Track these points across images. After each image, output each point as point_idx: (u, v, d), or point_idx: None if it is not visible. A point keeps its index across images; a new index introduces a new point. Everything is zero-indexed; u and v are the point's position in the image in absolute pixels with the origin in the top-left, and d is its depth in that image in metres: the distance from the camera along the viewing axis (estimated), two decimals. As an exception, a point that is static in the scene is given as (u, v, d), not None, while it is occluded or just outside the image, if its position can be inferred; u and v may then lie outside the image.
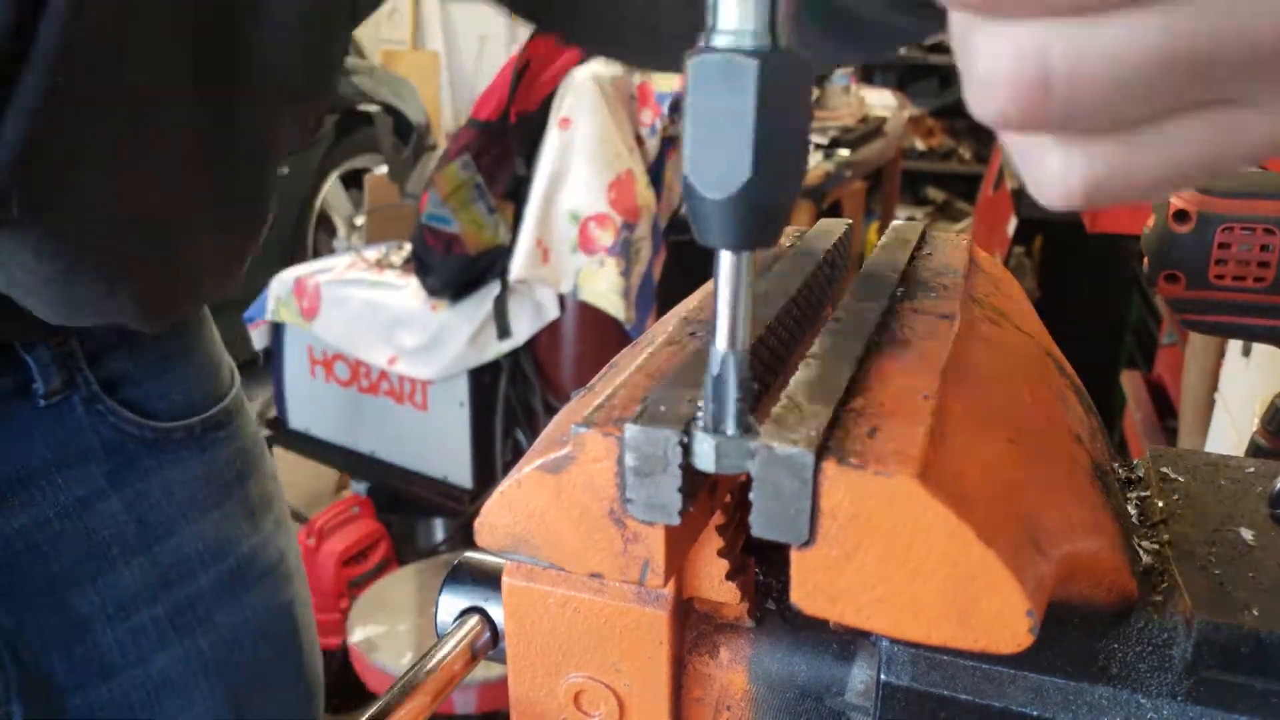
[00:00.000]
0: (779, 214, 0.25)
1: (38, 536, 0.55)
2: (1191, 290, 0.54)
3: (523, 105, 2.00)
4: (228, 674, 0.64)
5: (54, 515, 0.56)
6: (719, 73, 0.23)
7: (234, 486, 0.65)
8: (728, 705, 0.35)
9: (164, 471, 0.60)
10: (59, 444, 0.55)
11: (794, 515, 0.26)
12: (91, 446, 0.57)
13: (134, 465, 0.59)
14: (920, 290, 0.39)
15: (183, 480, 0.61)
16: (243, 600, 0.65)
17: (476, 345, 2.06)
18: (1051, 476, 0.31)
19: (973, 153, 4.76)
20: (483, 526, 0.31)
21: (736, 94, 0.23)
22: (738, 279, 0.25)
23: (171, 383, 0.61)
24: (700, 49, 0.23)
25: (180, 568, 0.61)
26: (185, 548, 0.62)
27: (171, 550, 0.61)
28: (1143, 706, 0.30)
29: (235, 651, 0.64)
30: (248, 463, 0.66)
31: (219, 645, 0.64)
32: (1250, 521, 0.35)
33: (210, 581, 0.63)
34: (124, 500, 0.58)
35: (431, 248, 2.03)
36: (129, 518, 0.59)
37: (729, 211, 0.24)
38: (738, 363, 0.26)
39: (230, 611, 0.64)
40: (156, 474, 0.60)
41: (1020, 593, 0.25)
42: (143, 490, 0.59)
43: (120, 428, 0.58)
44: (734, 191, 0.23)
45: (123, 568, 0.59)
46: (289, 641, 0.69)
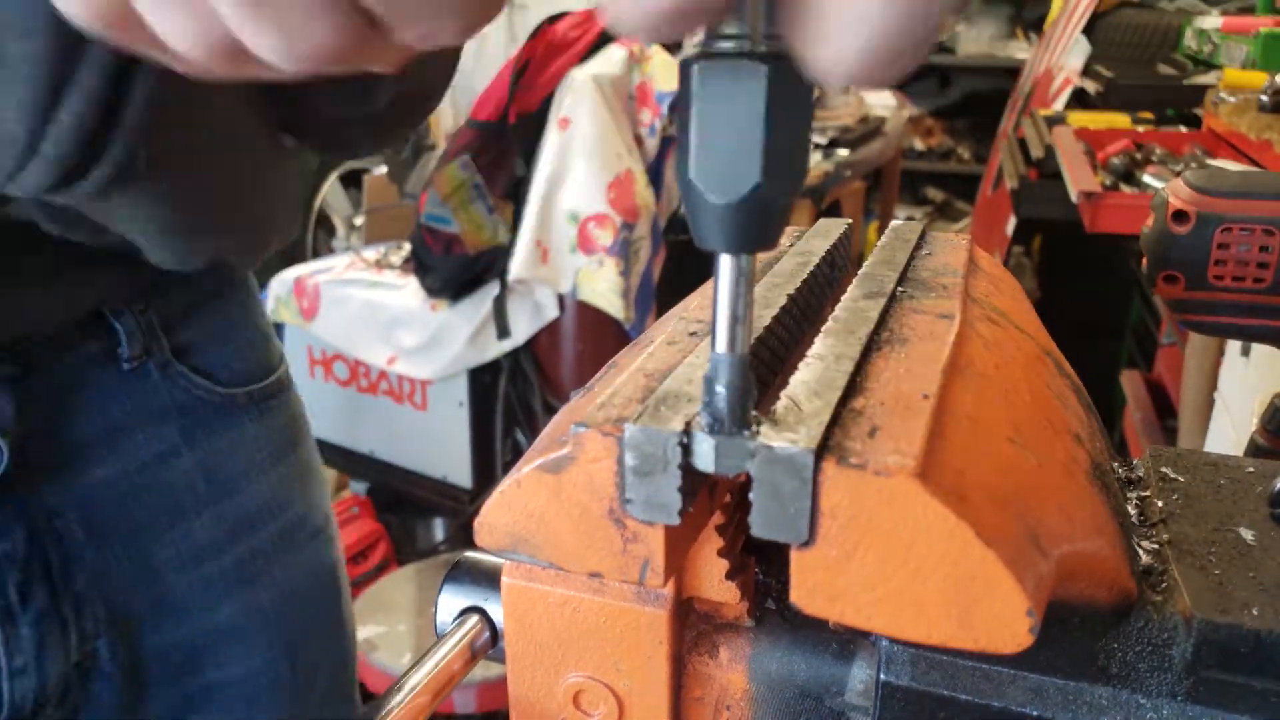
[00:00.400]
0: (780, 217, 0.25)
1: (123, 487, 0.61)
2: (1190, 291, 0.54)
3: (522, 105, 2.00)
4: (283, 626, 0.69)
5: (136, 469, 0.61)
6: (727, 77, 0.23)
7: (288, 451, 0.71)
8: (727, 705, 0.35)
9: (229, 433, 0.66)
10: (139, 405, 0.61)
11: (794, 515, 0.26)
12: (166, 408, 0.62)
13: (204, 426, 0.64)
14: (920, 290, 0.39)
15: (244, 442, 0.67)
16: (297, 556, 0.71)
17: (476, 345, 2.06)
18: (1051, 476, 0.31)
19: (972, 153, 4.76)
20: (482, 526, 0.31)
21: (746, 98, 0.23)
22: (738, 282, 0.25)
23: (232, 352, 0.67)
24: (703, 53, 0.23)
25: (244, 523, 0.67)
26: (248, 504, 0.67)
27: (236, 506, 0.67)
28: (1142, 706, 0.30)
29: (290, 605, 0.70)
30: (298, 431, 0.73)
31: (276, 598, 0.69)
32: (1250, 521, 0.35)
33: (269, 537, 0.69)
34: (195, 458, 0.64)
35: (431, 248, 2.03)
36: (199, 474, 0.64)
37: (733, 215, 0.24)
38: (738, 366, 0.26)
39: (286, 566, 0.70)
40: (223, 435, 0.66)
41: (1020, 592, 0.25)
42: (211, 449, 0.65)
43: (191, 391, 0.64)
44: (741, 195, 0.23)
45: (194, 520, 0.64)
46: (334, 599, 0.75)
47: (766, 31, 0.23)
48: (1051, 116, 2.11)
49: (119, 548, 0.61)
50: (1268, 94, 1.43)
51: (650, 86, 2.05)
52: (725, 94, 0.23)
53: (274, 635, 0.69)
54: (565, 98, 1.97)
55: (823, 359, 0.31)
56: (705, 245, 0.25)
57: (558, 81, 1.99)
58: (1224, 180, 0.54)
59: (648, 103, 2.05)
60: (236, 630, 0.67)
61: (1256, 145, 1.40)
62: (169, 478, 0.63)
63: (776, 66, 0.23)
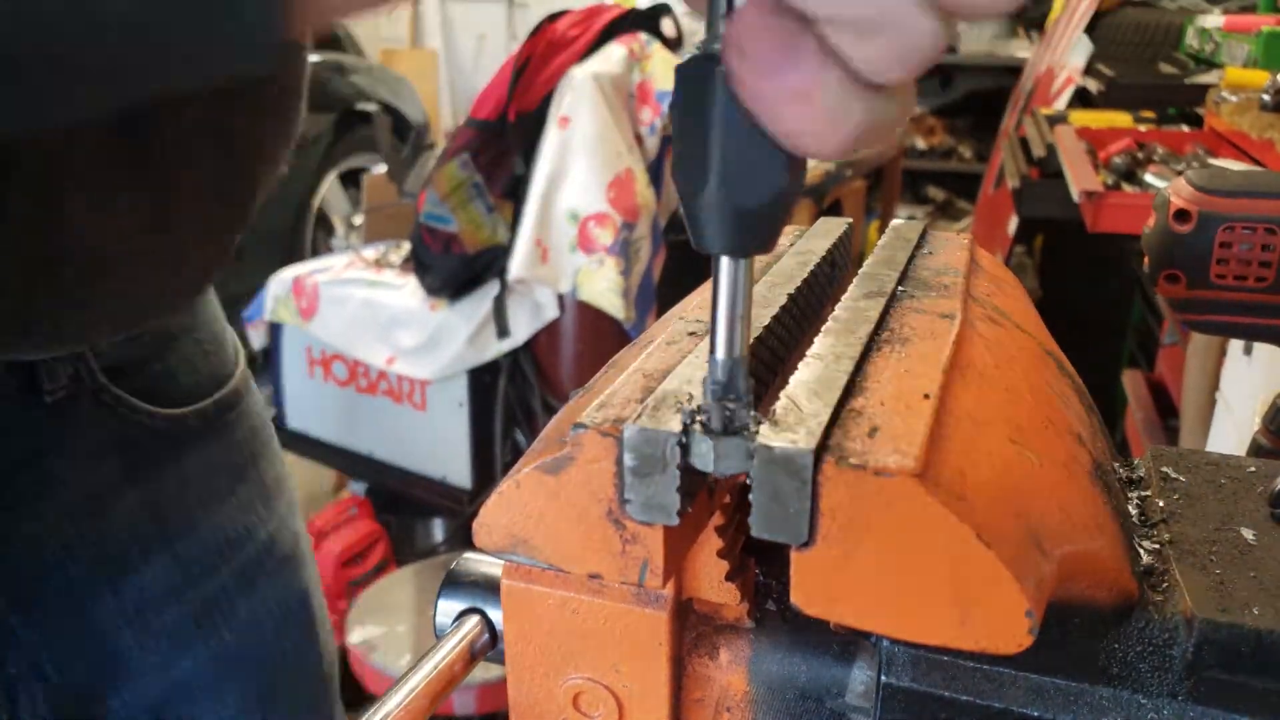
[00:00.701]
0: (783, 220, 0.25)
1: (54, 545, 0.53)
2: (1192, 290, 0.54)
3: (522, 104, 2.00)
4: (251, 668, 0.62)
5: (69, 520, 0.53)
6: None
7: (248, 469, 0.62)
8: (728, 706, 0.35)
9: (180, 461, 0.58)
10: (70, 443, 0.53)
11: (793, 515, 0.26)
12: (103, 441, 0.54)
13: (149, 459, 0.56)
14: (921, 289, 0.39)
15: (198, 469, 0.59)
16: (263, 590, 0.63)
17: (475, 345, 2.06)
18: (1052, 476, 0.31)
19: (973, 152, 4.75)
20: (481, 527, 0.31)
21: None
22: (736, 286, 0.25)
23: (176, 364, 0.58)
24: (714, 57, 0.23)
25: (200, 563, 0.59)
26: (206, 541, 0.59)
27: (191, 545, 0.58)
28: (1143, 706, 0.30)
29: (259, 644, 0.63)
30: (259, 442, 0.64)
31: (243, 640, 0.62)
32: (1251, 521, 0.35)
33: (231, 574, 0.61)
34: (139, 497, 0.56)
35: (430, 247, 2.03)
36: (145, 515, 0.56)
37: (746, 219, 0.24)
38: (737, 369, 0.26)
39: (251, 603, 0.62)
40: (172, 464, 0.57)
41: (1020, 593, 0.25)
42: (159, 484, 0.57)
43: (131, 419, 0.55)
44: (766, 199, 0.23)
45: (143, 569, 0.56)
46: (308, 629, 0.67)
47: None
48: (1053, 115, 2.11)
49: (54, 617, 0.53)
50: (1269, 93, 1.42)
51: (650, 85, 2.05)
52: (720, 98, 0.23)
53: (243, 682, 0.62)
54: (565, 96, 1.97)
55: (822, 359, 0.31)
56: (705, 249, 0.25)
57: (558, 80, 1.99)
58: (1226, 180, 0.54)
59: (648, 101, 2.05)
60: (201, 683, 0.60)
61: (1258, 144, 1.40)
62: (109, 525, 0.55)
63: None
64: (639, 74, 2.05)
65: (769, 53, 0.23)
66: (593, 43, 2.04)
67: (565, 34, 2.06)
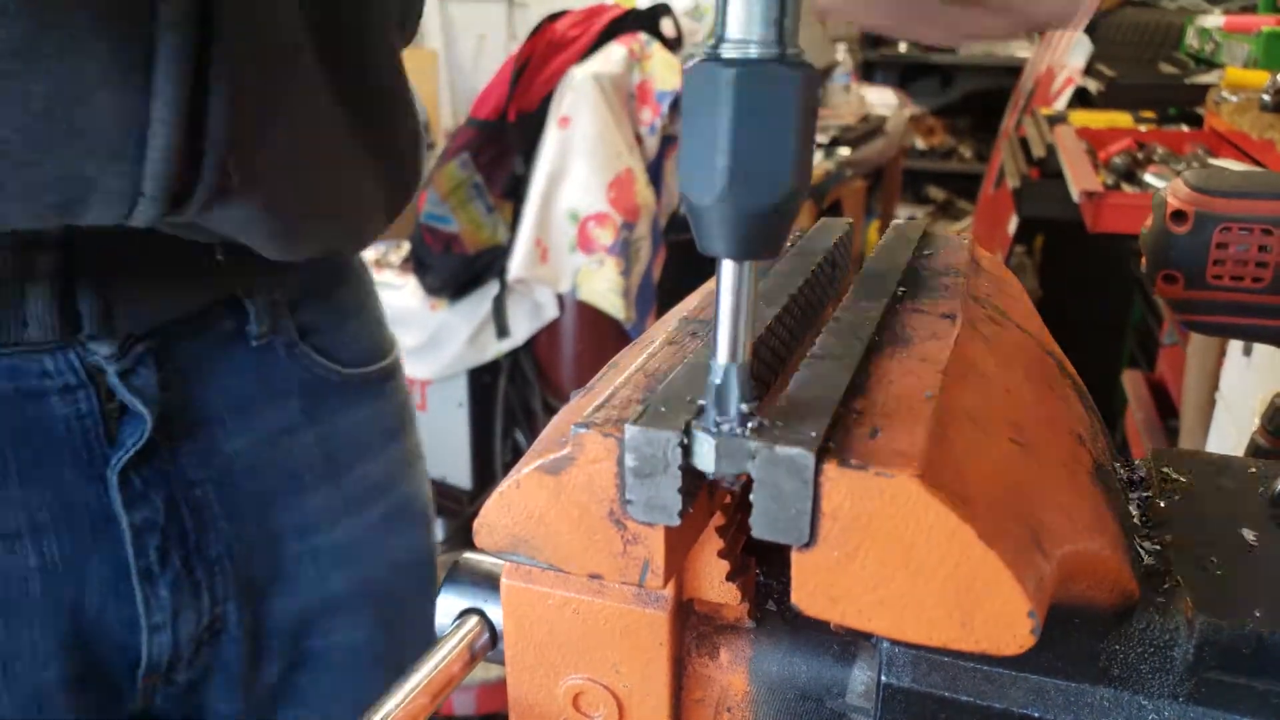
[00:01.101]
0: (789, 223, 0.25)
1: (251, 458, 0.64)
2: (1190, 290, 0.54)
3: (522, 104, 2.00)
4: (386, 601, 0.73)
5: (263, 441, 0.65)
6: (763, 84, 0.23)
7: (398, 434, 0.74)
8: (728, 707, 0.35)
9: (347, 412, 0.69)
10: (265, 381, 0.65)
11: (794, 516, 0.26)
12: (290, 385, 0.66)
13: (324, 404, 0.68)
14: (921, 290, 0.39)
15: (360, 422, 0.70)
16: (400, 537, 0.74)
17: (475, 345, 2.06)
18: (1053, 476, 0.31)
19: (973, 151, 4.76)
20: (481, 527, 0.31)
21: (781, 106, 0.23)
22: (739, 289, 0.25)
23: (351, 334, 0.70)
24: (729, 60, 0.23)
25: (356, 499, 0.70)
26: (361, 482, 0.70)
27: (351, 483, 0.70)
28: (1144, 708, 0.30)
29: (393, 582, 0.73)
30: (406, 417, 0.76)
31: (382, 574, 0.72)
32: (1252, 522, 0.35)
33: (379, 514, 0.72)
34: (316, 434, 0.67)
35: (430, 247, 2.03)
36: (318, 450, 0.68)
37: (753, 221, 0.24)
38: (739, 373, 0.26)
39: (391, 545, 0.73)
40: (342, 413, 0.69)
41: (1022, 594, 0.25)
42: (330, 426, 0.68)
43: (312, 370, 0.67)
44: (773, 201, 0.23)
45: (312, 493, 0.68)
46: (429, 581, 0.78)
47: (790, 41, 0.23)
48: (1053, 115, 2.11)
49: (247, 517, 0.65)
50: (1269, 93, 1.42)
51: (650, 85, 2.05)
52: (759, 102, 0.23)
53: (376, 610, 0.72)
54: (565, 96, 1.97)
55: (824, 359, 0.31)
56: (710, 251, 0.25)
57: (558, 80, 1.99)
58: (1223, 180, 0.54)
59: (648, 101, 2.05)
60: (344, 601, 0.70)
61: (1258, 144, 1.40)
62: (292, 451, 0.66)
63: (808, 74, 0.23)
64: (639, 74, 2.05)
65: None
66: (593, 43, 2.04)
67: (565, 34, 2.06)
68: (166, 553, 0.60)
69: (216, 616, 0.64)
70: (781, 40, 0.23)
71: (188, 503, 0.61)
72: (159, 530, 0.60)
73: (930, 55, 4.72)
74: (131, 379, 0.57)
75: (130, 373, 0.57)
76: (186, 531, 0.61)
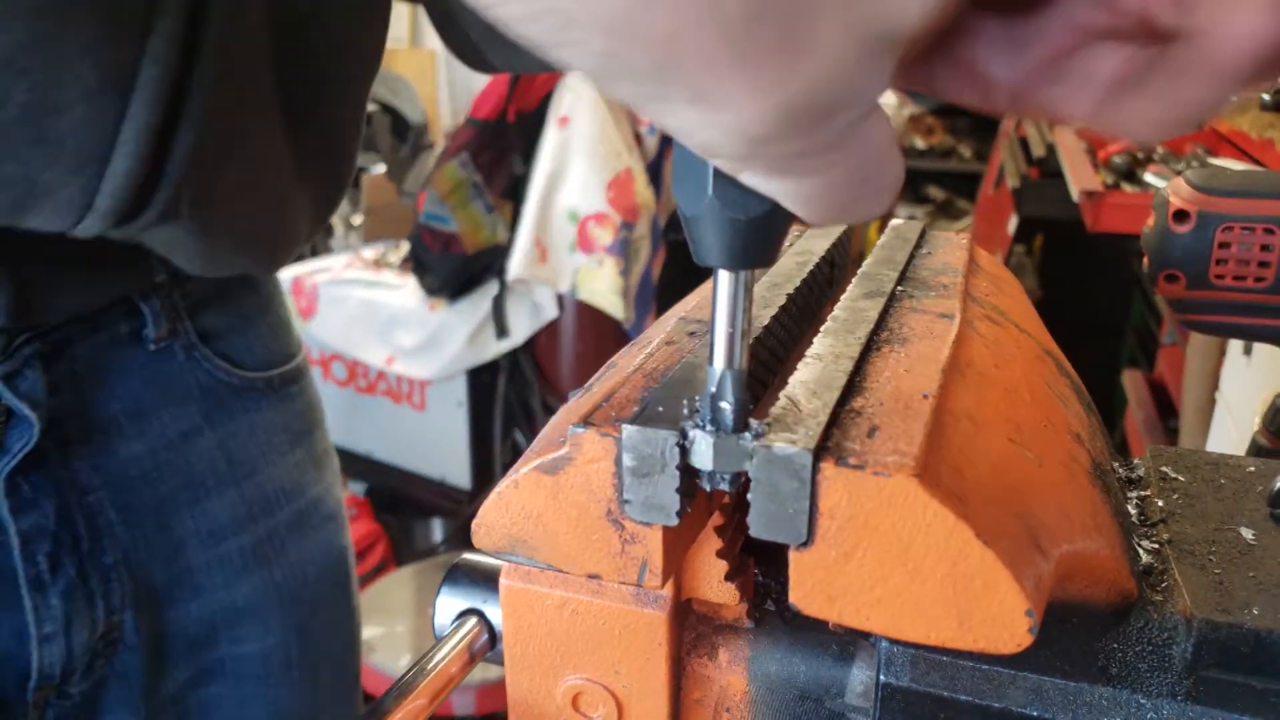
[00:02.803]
0: (784, 233, 0.25)
1: (149, 464, 0.63)
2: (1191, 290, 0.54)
3: (521, 104, 2.00)
4: (296, 606, 0.72)
5: (162, 446, 0.64)
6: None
7: (304, 436, 0.74)
8: (727, 707, 0.35)
9: (249, 415, 0.69)
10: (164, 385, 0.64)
11: (792, 516, 0.26)
12: (189, 389, 0.65)
13: (225, 407, 0.67)
14: (920, 289, 0.39)
15: (264, 425, 0.70)
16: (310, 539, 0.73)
17: (475, 345, 2.06)
18: (1051, 476, 0.31)
19: (973, 151, 4.75)
20: (480, 527, 0.31)
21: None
22: (736, 299, 0.26)
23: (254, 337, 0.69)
24: None
25: (262, 503, 0.70)
26: (267, 485, 0.70)
27: (255, 486, 0.69)
28: (1143, 706, 0.30)
29: (302, 586, 0.73)
30: (314, 418, 0.76)
31: (290, 579, 0.72)
32: (1250, 521, 0.35)
33: (286, 518, 0.71)
34: (217, 438, 0.67)
35: (429, 247, 2.03)
36: (220, 454, 0.67)
37: (745, 232, 0.24)
38: (735, 380, 0.26)
39: (300, 548, 0.72)
40: (243, 416, 0.68)
41: (1019, 593, 0.25)
42: (232, 430, 0.68)
43: (213, 374, 0.66)
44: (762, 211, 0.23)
45: (216, 498, 0.67)
46: (344, 584, 0.78)
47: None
48: (1052, 115, 2.10)
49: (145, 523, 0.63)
50: (1269, 93, 1.42)
51: (650, 86, 2.05)
52: None
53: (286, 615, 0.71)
54: (564, 96, 1.97)
55: (822, 359, 0.31)
56: (706, 261, 0.25)
57: (557, 80, 1.99)
58: (1225, 179, 0.54)
59: (647, 102, 2.05)
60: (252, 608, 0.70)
61: (1258, 144, 1.40)
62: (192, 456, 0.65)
63: None
64: (638, 74, 2.05)
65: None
66: (592, 43, 2.03)
67: (565, 34, 2.06)
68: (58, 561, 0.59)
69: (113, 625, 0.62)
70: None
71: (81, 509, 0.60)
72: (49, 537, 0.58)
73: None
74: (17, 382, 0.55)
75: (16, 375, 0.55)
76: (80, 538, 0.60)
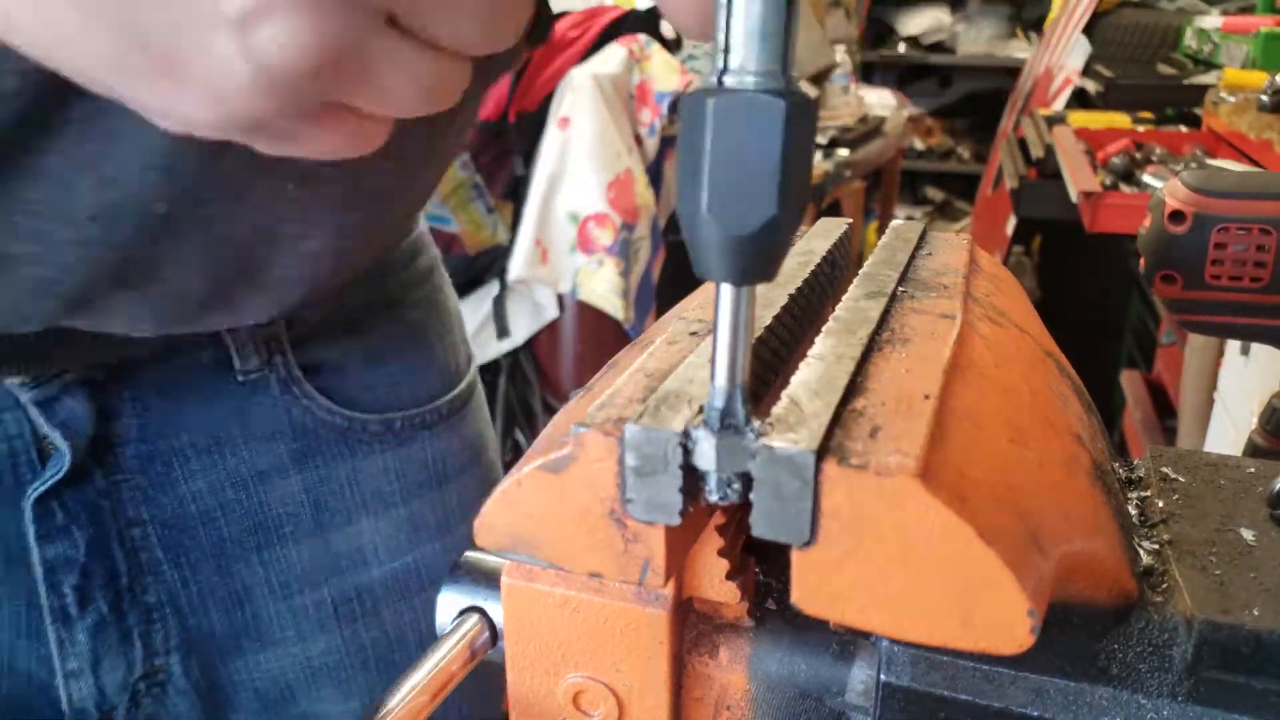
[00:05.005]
0: (785, 248, 0.25)
1: (209, 502, 0.57)
2: (1188, 291, 0.54)
3: (522, 104, 2.00)
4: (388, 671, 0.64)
5: (231, 484, 0.58)
6: (744, 112, 0.23)
7: (429, 488, 0.64)
8: (727, 705, 0.35)
9: (352, 460, 0.61)
10: (249, 419, 0.57)
11: (795, 515, 0.26)
12: (281, 426, 0.58)
13: (321, 450, 0.60)
14: (920, 290, 0.39)
15: (372, 472, 0.61)
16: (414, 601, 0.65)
17: (476, 345, 2.05)
18: (1052, 476, 0.31)
19: (972, 152, 4.76)
20: (482, 526, 0.31)
21: (764, 132, 0.23)
22: (738, 313, 0.26)
23: (382, 375, 0.61)
24: (716, 89, 0.24)
25: (353, 556, 0.62)
26: (362, 538, 0.62)
27: (347, 538, 0.61)
28: (1143, 707, 0.30)
29: (399, 651, 0.64)
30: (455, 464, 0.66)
31: (382, 641, 0.64)
32: (1250, 521, 0.35)
33: (383, 576, 0.63)
34: (305, 481, 0.59)
35: (430, 247, 2.03)
36: (306, 499, 0.60)
37: (743, 247, 0.24)
38: (738, 396, 0.26)
39: (399, 610, 0.64)
40: (345, 461, 0.60)
41: (1021, 593, 0.25)
42: (326, 475, 0.60)
43: (313, 411, 0.59)
44: (755, 227, 0.24)
45: (292, 546, 0.60)
46: None
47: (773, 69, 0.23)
48: (1051, 116, 2.11)
49: (201, 565, 0.58)
50: (1268, 94, 1.43)
51: (650, 86, 2.05)
52: (742, 129, 0.23)
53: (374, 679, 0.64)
54: (565, 97, 1.97)
55: (823, 359, 0.31)
56: (708, 276, 0.25)
57: (558, 81, 1.99)
58: (1220, 180, 0.54)
59: (648, 102, 2.05)
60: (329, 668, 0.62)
61: (1256, 145, 1.40)
62: (269, 498, 0.59)
63: (792, 102, 0.23)
64: (639, 75, 2.05)
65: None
66: (592, 44, 2.04)
67: (565, 35, 2.06)
68: (87, 594, 0.55)
69: (157, 668, 0.58)
70: (775, 70, 0.23)
71: (122, 543, 0.55)
72: (77, 569, 0.54)
73: (929, 56, 4.72)
74: (55, 409, 0.52)
75: (53, 401, 0.52)
76: (118, 573, 0.56)
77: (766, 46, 0.23)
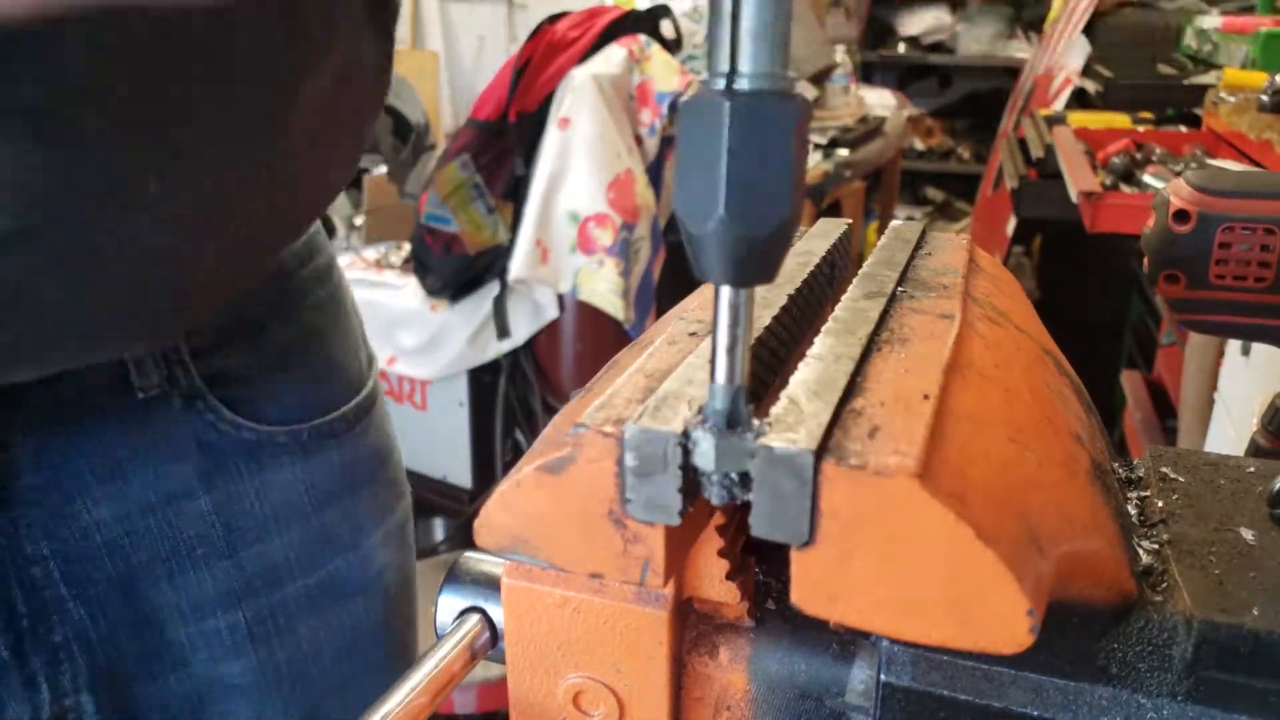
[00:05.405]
0: (785, 250, 0.25)
1: (116, 531, 0.54)
2: (1191, 290, 0.54)
3: (522, 105, 2.00)
4: (303, 688, 0.62)
5: (137, 511, 0.54)
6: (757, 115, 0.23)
7: (340, 496, 0.62)
8: (727, 705, 0.35)
9: (262, 475, 0.58)
10: (151, 440, 0.54)
11: (794, 515, 0.26)
12: (185, 445, 0.55)
13: (228, 467, 0.57)
14: (920, 290, 0.39)
15: (281, 485, 0.59)
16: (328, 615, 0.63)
17: (476, 345, 2.06)
18: (1051, 476, 0.31)
19: (972, 153, 4.76)
20: (482, 526, 0.31)
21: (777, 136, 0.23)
22: (738, 315, 0.26)
23: (285, 384, 0.58)
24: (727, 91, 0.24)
25: (265, 575, 0.59)
26: (274, 555, 0.60)
27: (258, 557, 0.59)
28: (1143, 706, 0.30)
29: (314, 667, 0.62)
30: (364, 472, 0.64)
31: (297, 658, 0.62)
32: (1250, 521, 0.35)
33: (296, 592, 0.61)
34: (214, 501, 0.57)
35: (430, 248, 2.03)
36: (217, 520, 0.57)
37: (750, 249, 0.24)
38: (738, 396, 0.26)
39: (313, 625, 0.62)
40: (254, 477, 0.58)
41: (1020, 593, 0.25)
42: (235, 493, 0.57)
43: (218, 427, 0.56)
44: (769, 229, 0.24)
45: (204, 570, 0.57)
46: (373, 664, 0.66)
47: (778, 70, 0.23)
48: (1051, 116, 2.11)
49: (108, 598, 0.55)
50: (1268, 94, 1.43)
51: (650, 86, 2.05)
52: (758, 131, 0.23)
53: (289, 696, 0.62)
54: (565, 97, 1.97)
55: (822, 359, 0.31)
56: (707, 278, 0.25)
57: (558, 81, 1.99)
58: (1225, 180, 0.54)
59: (648, 103, 2.05)
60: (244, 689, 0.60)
61: (1256, 145, 1.40)
62: (178, 522, 0.56)
63: (804, 105, 0.23)
64: (639, 75, 2.05)
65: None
66: (592, 44, 2.04)
67: (565, 35, 2.06)
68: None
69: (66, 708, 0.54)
70: (780, 72, 0.23)
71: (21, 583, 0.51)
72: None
73: (929, 57, 4.72)
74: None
75: None
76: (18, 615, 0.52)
77: (773, 48, 0.23)
